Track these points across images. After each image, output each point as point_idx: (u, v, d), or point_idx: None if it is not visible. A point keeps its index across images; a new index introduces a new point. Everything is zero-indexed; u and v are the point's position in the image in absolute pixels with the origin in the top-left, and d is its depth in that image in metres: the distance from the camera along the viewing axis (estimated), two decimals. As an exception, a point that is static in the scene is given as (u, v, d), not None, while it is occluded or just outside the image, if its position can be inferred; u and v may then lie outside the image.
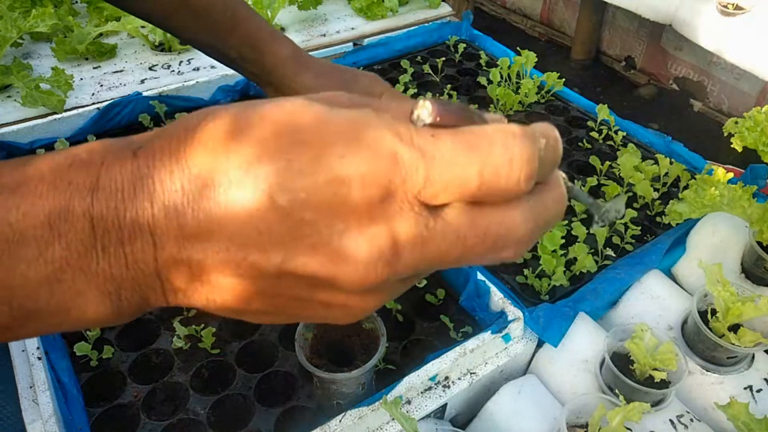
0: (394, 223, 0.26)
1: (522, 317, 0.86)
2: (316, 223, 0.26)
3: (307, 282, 0.28)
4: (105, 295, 0.28)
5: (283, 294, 0.29)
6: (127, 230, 0.27)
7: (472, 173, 0.26)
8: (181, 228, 0.27)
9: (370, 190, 0.26)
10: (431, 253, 0.27)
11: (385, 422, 0.77)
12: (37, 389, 0.76)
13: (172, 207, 0.27)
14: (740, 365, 0.85)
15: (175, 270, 0.28)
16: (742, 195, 0.87)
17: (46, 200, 0.27)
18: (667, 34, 3.13)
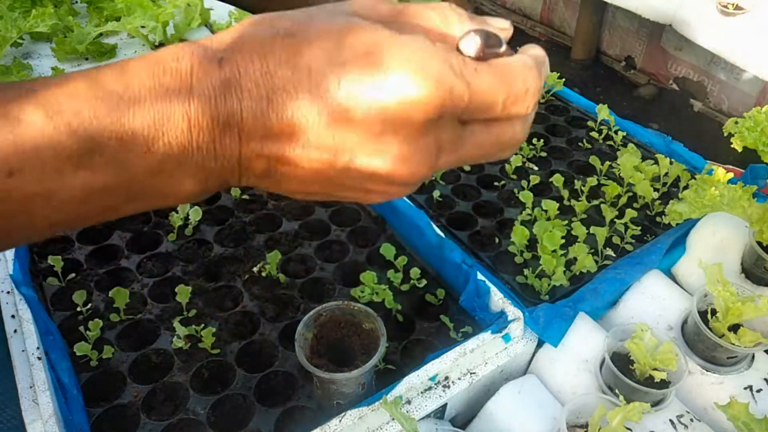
0: (439, 135, 0.34)
1: (522, 317, 0.86)
2: (383, 133, 0.33)
3: (366, 176, 0.35)
4: (196, 181, 0.35)
5: (341, 183, 0.36)
6: (218, 129, 0.33)
7: (498, 101, 0.34)
8: (265, 129, 0.33)
9: (429, 112, 0.32)
10: (460, 155, 0.36)
11: (385, 422, 0.77)
12: (37, 389, 0.76)
13: (258, 111, 0.32)
14: (740, 365, 0.85)
15: (255, 161, 0.34)
16: (742, 195, 0.87)
17: (151, 105, 0.32)
18: (667, 34, 3.13)
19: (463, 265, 0.93)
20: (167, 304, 0.93)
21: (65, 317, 0.91)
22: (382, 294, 0.93)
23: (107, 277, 0.98)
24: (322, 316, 0.80)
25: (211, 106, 0.32)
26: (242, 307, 0.93)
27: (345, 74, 0.32)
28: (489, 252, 1.03)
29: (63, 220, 0.34)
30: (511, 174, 1.20)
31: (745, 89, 2.87)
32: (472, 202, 1.14)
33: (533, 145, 1.26)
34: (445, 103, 0.32)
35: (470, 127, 0.36)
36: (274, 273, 0.98)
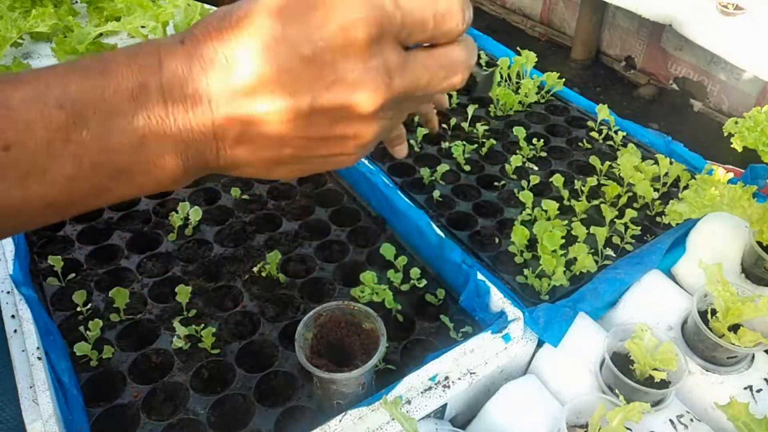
0: (386, 57, 0.37)
1: (522, 317, 0.86)
2: (334, 63, 0.35)
3: (332, 114, 0.37)
4: (177, 156, 0.37)
5: (311, 133, 0.38)
6: (190, 100, 0.35)
7: (429, 17, 0.37)
8: (231, 88, 0.35)
9: (370, 29, 0.35)
10: (411, 77, 0.38)
11: (385, 422, 0.77)
12: (37, 389, 0.76)
13: (222, 74, 0.35)
14: (740, 365, 0.85)
15: (228, 126, 0.36)
16: (742, 195, 0.87)
17: (128, 80, 0.35)
18: (667, 34, 3.13)
19: (463, 265, 0.93)
20: (167, 304, 0.93)
21: (65, 317, 0.91)
22: (382, 294, 0.93)
23: (107, 277, 0.98)
24: (322, 316, 0.80)
25: (180, 80, 0.35)
26: (242, 307, 0.93)
27: (291, 21, 0.35)
28: (489, 252, 1.03)
29: (56, 198, 0.36)
30: (511, 174, 1.20)
31: (745, 89, 2.87)
32: (472, 202, 1.14)
33: (533, 145, 1.26)
34: (381, 21, 0.35)
35: (414, 52, 0.39)
36: (274, 273, 0.98)
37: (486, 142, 1.25)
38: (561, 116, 1.38)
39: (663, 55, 3.24)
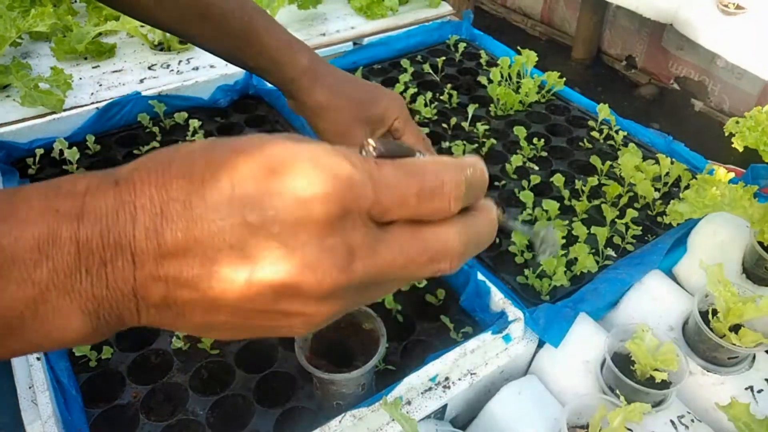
0: (349, 235, 0.31)
1: (522, 317, 0.85)
2: (282, 235, 0.30)
3: (273, 291, 0.30)
4: (85, 315, 0.31)
5: (249, 306, 0.31)
6: (110, 251, 0.30)
7: (411, 194, 0.32)
8: (160, 247, 0.30)
9: (330, 207, 0.30)
10: (380, 261, 0.32)
11: (385, 423, 0.76)
12: (36, 390, 0.76)
13: (152, 228, 0.30)
14: (741, 366, 0.85)
15: (152, 287, 0.31)
16: (743, 195, 0.87)
17: (35, 226, 0.29)
18: (668, 34, 3.12)
19: (464, 265, 0.93)
20: (167, 304, 0.93)
21: (64, 317, 0.90)
22: (382, 294, 0.92)
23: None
24: (321, 317, 0.80)
25: (101, 225, 0.30)
26: (242, 307, 0.93)
27: (240, 181, 0.30)
28: (489, 252, 1.02)
29: None
30: (511, 174, 1.20)
31: (746, 89, 2.87)
32: (473, 201, 1.13)
33: (534, 144, 1.26)
34: (346, 197, 0.30)
35: (392, 229, 0.33)
36: None
37: (486, 141, 1.25)
38: (562, 116, 1.37)
39: (664, 54, 3.24)
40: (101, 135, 1.25)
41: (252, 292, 0.30)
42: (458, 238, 0.34)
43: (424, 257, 0.33)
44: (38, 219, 0.30)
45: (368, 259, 0.32)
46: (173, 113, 1.29)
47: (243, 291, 0.30)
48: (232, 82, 1.36)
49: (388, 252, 0.32)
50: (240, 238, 0.30)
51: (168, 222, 0.30)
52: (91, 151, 1.21)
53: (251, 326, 0.34)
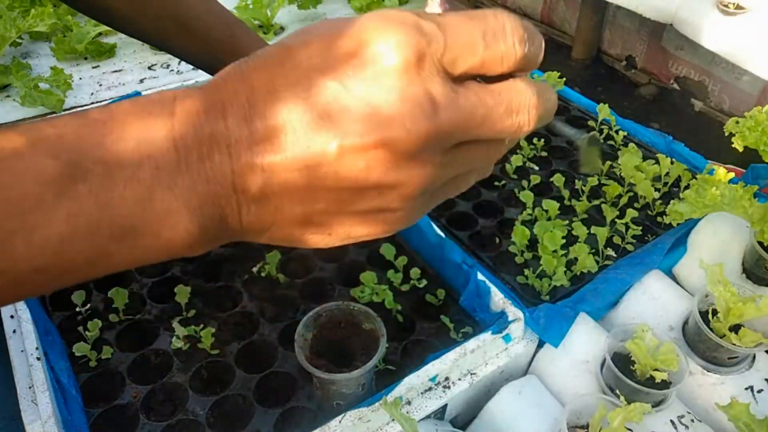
0: (427, 83, 0.30)
1: (522, 317, 0.85)
2: (364, 96, 0.30)
3: (365, 157, 0.31)
4: (191, 212, 0.31)
5: (344, 184, 0.32)
6: (205, 146, 0.31)
7: (477, 37, 0.31)
8: (252, 134, 0.31)
9: (405, 52, 0.30)
10: (461, 112, 0.31)
11: (385, 423, 0.76)
12: (36, 390, 0.76)
13: (241, 118, 0.31)
14: (741, 365, 0.85)
15: (249, 177, 0.31)
16: (743, 195, 0.87)
17: (133, 128, 0.31)
18: (668, 34, 3.12)
19: (464, 265, 0.93)
20: (166, 304, 0.93)
21: (64, 317, 0.91)
22: (382, 294, 0.93)
23: (106, 278, 0.97)
24: (321, 317, 0.80)
25: (194, 123, 0.31)
26: (242, 307, 0.93)
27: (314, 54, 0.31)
28: (489, 252, 1.02)
29: (47, 264, 0.30)
30: (511, 174, 1.20)
31: (746, 89, 2.87)
32: (472, 202, 1.13)
33: (534, 144, 1.26)
34: (418, 41, 0.30)
35: (466, 83, 0.32)
36: (274, 273, 0.98)
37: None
38: (562, 116, 1.37)
39: (664, 54, 3.24)
40: (101, 135, 1.25)
41: (344, 162, 0.31)
42: (530, 89, 0.33)
43: (502, 107, 0.33)
44: (135, 121, 0.31)
45: (450, 110, 0.31)
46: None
47: (336, 163, 0.31)
48: (232, 82, 1.36)
49: (467, 102, 0.32)
50: (324, 107, 0.30)
51: (255, 109, 0.31)
52: (91, 151, 1.21)
53: (349, 214, 0.33)
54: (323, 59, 0.31)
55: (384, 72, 0.30)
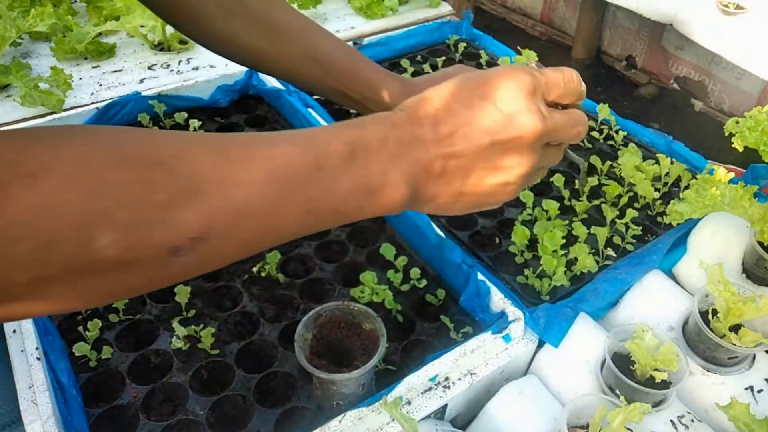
0: (539, 104, 0.53)
1: (522, 317, 0.85)
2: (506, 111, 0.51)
3: (504, 146, 0.52)
4: (406, 183, 0.50)
5: (489, 164, 0.52)
6: (413, 143, 0.51)
7: (560, 81, 0.55)
8: (438, 136, 0.51)
9: (527, 86, 0.52)
10: (554, 121, 0.54)
11: (385, 423, 0.76)
12: (36, 390, 0.76)
13: (431, 126, 0.51)
14: (741, 365, 0.85)
15: (435, 163, 0.51)
16: (743, 195, 0.87)
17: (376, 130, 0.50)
18: (668, 34, 3.12)
19: (464, 266, 0.93)
20: (166, 304, 0.93)
21: (64, 317, 0.91)
22: (382, 294, 0.93)
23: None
24: (321, 317, 0.80)
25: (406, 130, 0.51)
26: (242, 307, 0.93)
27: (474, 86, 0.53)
28: (489, 252, 1.02)
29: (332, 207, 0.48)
30: (511, 174, 1.20)
31: (746, 89, 2.87)
32: (473, 201, 1.13)
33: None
34: (534, 82, 0.53)
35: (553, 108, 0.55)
36: (274, 273, 0.98)
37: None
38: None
39: (664, 54, 3.24)
40: (101, 135, 1.25)
41: (492, 150, 0.52)
42: (583, 113, 0.58)
43: (572, 121, 0.56)
44: (376, 127, 0.50)
45: (549, 119, 0.53)
46: (173, 113, 1.29)
47: (486, 151, 0.51)
48: (232, 82, 1.36)
49: (556, 117, 0.54)
50: (482, 117, 0.51)
51: (439, 121, 0.51)
52: (91, 151, 1.21)
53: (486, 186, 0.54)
54: (480, 89, 0.52)
55: (516, 97, 0.52)
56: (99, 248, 0.36)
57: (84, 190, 0.35)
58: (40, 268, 0.35)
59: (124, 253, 0.37)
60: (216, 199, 0.41)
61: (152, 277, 0.41)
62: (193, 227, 0.40)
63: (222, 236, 0.41)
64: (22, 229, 0.33)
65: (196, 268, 0.43)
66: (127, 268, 0.38)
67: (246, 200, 0.42)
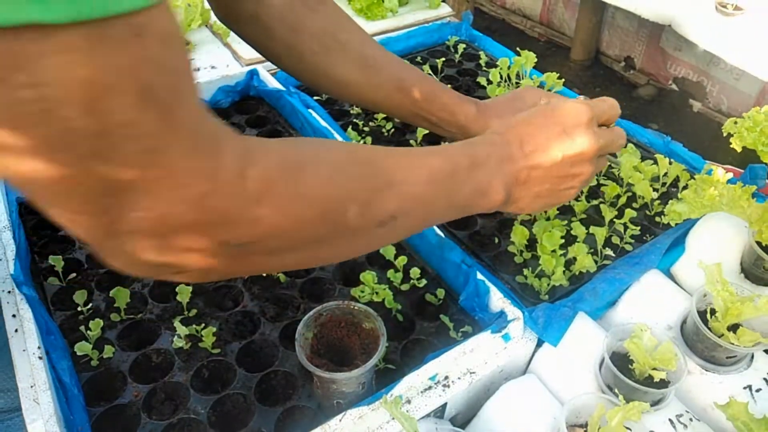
0: (594, 128, 0.71)
1: (521, 317, 0.86)
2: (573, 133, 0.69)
3: (571, 160, 0.69)
4: (502, 187, 0.67)
5: (561, 173, 0.70)
6: (506, 158, 0.68)
7: (606, 108, 0.75)
8: (524, 152, 0.68)
9: (587, 115, 0.70)
10: (605, 138, 0.72)
11: (385, 422, 0.77)
12: (38, 389, 0.76)
13: (519, 146, 0.68)
14: (739, 365, 0.85)
15: (522, 172, 0.68)
16: (742, 195, 0.87)
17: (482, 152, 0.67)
18: (667, 35, 3.13)
19: (463, 265, 0.93)
20: (168, 303, 0.93)
21: (66, 317, 0.91)
22: (382, 294, 0.93)
23: (108, 277, 0.98)
24: (322, 316, 0.80)
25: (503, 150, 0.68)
26: (242, 306, 0.94)
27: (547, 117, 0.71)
28: (489, 252, 1.03)
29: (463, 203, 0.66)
30: (510, 174, 1.20)
31: (744, 89, 2.87)
32: (472, 202, 1.14)
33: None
34: (589, 112, 0.70)
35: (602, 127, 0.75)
36: (275, 273, 0.98)
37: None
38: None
39: (662, 55, 3.24)
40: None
41: (563, 162, 0.69)
42: (622, 130, 0.77)
43: (617, 137, 0.75)
44: (482, 147, 0.68)
45: (602, 138, 0.71)
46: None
47: (559, 163, 0.69)
48: (233, 83, 1.37)
49: (606, 134, 0.73)
50: (555, 139, 0.69)
51: (524, 142, 0.69)
52: (91, 152, 1.21)
53: (557, 189, 0.72)
54: (553, 118, 0.70)
55: (579, 123, 0.70)
56: (349, 217, 0.53)
57: (341, 176, 0.54)
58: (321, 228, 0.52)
59: (359, 222, 0.54)
60: (402, 190, 0.58)
61: (366, 242, 0.61)
62: (391, 207, 0.57)
63: (405, 216, 0.59)
64: (313, 199, 0.50)
65: (385, 238, 0.66)
66: (356, 235, 0.56)
67: (418, 192, 0.60)
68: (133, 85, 0.36)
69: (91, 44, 0.34)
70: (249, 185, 0.45)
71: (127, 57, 0.36)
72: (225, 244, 0.46)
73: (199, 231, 0.44)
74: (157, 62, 0.38)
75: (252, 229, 0.47)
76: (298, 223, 0.50)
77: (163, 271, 0.46)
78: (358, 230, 0.55)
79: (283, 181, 0.48)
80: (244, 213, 0.46)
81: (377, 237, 0.60)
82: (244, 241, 0.47)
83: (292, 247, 0.51)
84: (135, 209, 0.40)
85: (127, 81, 0.36)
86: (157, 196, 0.40)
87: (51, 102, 0.34)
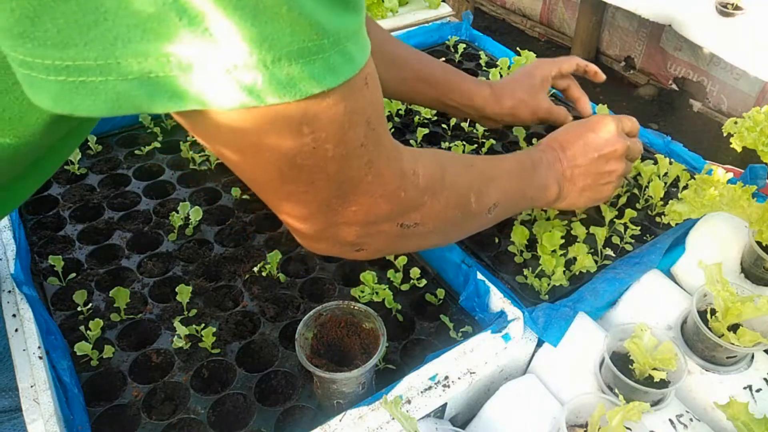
0: (623, 135, 0.92)
1: (522, 317, 0.86)
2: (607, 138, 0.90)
3: (607, 158, 0.90)
4: (557, 185, 0.88)
5: (599, 169, 0.90)
6: (555, 162, 0.89)
7: (630, 123, 0.96)
8: (566, 155, 0.89)
9: (617, 127, 0.92)
10: (631, 142, 0.93)
11: (385, 422, 0.77)
12: (38, 389, 0.76)
13: (562, 151, 0.90)
14: (740, 365, 0.85)
15: (567, 170, 0.89)
16: (742, 195, 0.87)
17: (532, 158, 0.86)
18: (667, 35, 3.13)
19: (463, 265, 0.93)
20: (168, 303, 0.93)
21: (66, 317, 0.91)
22: (382, 294, 0.93)
23: (108, 277, 0.98)
24: (322, 316, 0.80)
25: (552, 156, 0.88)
26: (242, 306, 0.94)
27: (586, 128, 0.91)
28: (489, 252, 1.03)
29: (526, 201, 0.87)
30: (510, 174, 1.20)
31: (744, 89, 2.87)
32: (472, 202, 1.14)
33: (533, 145, 1.26)
34: (617, 122, 0.91)
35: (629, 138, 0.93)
36: (275, 273, 0.98)
37: (486, 142, 1.25)
38: (561, 116, 1.37)
39: (662, 55, 3.24)
40: (102, 136, 1.25)
41: (600, 160, 0.89)
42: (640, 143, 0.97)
43: (638, 144, 0.95)
44: (537, 152, 0.88)
45: (629, 141, 0.91)
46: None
47: (597, 161, 0.89)
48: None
49: (630, 139, 0.92)
50: (593, 143, 0.89)
51: (566, 147, 0.89)
52: (92, 152, 1.22)
53: (597, 184, 0.90)
54: (588, 127, 0.91)
55: (610, 129, 0.90)
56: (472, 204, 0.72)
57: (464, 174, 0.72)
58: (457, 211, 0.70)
59: (476, 208, 0.73)
60: (499, 184, 0.77)
61: (479, 224, 0.79)
62: (495, 196, 0.76)
63: (501, 205, 0.77)
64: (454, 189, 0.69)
65: (490, 221, 0.80)
66: (475, 218, 0.75)
67: (507, 186, 0.79)
68: (364, 119, 0.50)
69: (345, 97, 0.46)
70: (420, 180, 0.62)
71: (362, 101, 0.49)
72: (402, 225, 0.62)
73: (389, 217, 0.60)
74: (375, 100, 0.51)
75: (420, 212, 0.63)
76: (446, 208, 0.67)
77: (352, 249, 0.61)
78: (476, 215, 0.74)
79: (438, 176, 0.66)
80: (417, 200, 0.62)
81: (486, 220, 0.78)
82: (412, 223, 0.63)
83: (436, 228, 0.68)
84: (353, 205, 0.55)
85: (362, 117, 0.49)
86: (371, 194, 0.56)
87: (319, 141, 0.47)
